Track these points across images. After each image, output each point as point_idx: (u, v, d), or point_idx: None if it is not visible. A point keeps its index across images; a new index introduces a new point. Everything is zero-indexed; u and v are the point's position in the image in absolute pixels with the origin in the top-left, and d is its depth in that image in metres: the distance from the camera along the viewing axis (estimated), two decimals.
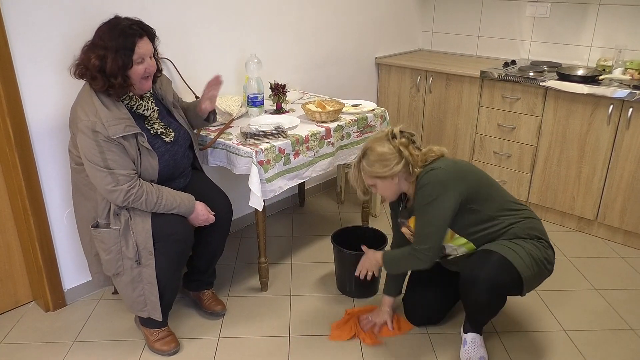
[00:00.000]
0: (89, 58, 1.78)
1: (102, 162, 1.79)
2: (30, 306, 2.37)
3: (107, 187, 1.81)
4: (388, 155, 1.83)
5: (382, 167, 1.84)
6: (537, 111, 3.00)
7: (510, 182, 3.24)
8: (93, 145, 1.78)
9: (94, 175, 1.83)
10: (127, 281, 1.95)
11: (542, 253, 1.87)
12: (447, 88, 3.38)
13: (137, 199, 1.84)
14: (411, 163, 1.84)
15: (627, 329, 2.22)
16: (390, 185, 1.89)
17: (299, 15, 3.01)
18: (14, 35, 1.93)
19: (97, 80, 1.79)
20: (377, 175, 1.86)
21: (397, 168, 1.83)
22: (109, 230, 1.89)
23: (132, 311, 2.04)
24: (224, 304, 2.31)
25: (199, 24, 2.52)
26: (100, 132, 1.77)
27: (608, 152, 2.79)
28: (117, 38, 1.78)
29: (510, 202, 1.95)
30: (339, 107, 2.51)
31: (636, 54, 3.02)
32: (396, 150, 1.83)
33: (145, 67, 1.86)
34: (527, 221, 1.92)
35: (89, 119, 1.77)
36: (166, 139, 1.98)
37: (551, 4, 3.31)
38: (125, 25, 1.80)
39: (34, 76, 2.02)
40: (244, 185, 2.22)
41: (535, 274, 1.85)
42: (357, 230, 2.59)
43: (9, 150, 2.05)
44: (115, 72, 1.79)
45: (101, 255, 1.95)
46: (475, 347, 1.97)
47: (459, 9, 3.75)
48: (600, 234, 3.00)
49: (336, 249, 2.40)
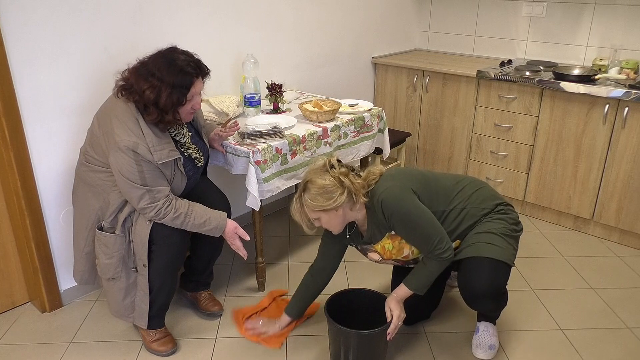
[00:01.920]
0: (141, 89, 1.77)
1: (140, 181, 1.79)
2: (26, 307, 2.36)
3: (143, 204, 1.81)
4: (330, 187, 1.75)
5: (325, 200, 1.75)
6: (534, 111, 3.01)
7: (506, 182, 3.25)
8: (132, 163, 1.77)
9: (128, 191, 1.81)
10: (122, 287, 1.95)
11: (506, 223, 1.93)
12: (444, 88, 3.38)
13: (168, 213, 1.84)
14: (354, 191, 1.78)
15: (624, 327, 2.23)
16: (335, 217, 1.81)
17: (295, 15, 3.01)
18: (10, 34, 1.92)
19: (150, 112, 1.79)
20: (321, 209, 1.77)
21: (341, 199, 1.75)
22: (116, 237, 1.88)
23: (117, 316, 2.05)
24: (221, 304, 2.31)
25: (196, 24, 2.52)
26: (141, 154, 1.76)
27: (604, 151, 2.80)
28: (175, 75, 1.77)
29: (452, 186, 1.97)
30: (335, 107, 2.51)
31: (632, 54, 3.03)
32: (337, 180, 1.76)
33: (193, 104, 1.87)
34: (476, 196, 1.96)
35: (130, 140, 1.76)
36: (198, 163, 2.02)
37: (547, 3, 3.32)
38: (184, 63, 1.79)
39: (29, 75, 2.01)
40: (241, 185, 2.22)
41: (513, 248, 1.94)
42: (350, 294, 2.08)
43: (5, 149, 2.04)
44: (168, 108, 1.79)
45: (100, 258, 1.94)
46: (487, 335, 2.04)
47: (456, 8, 3.76)
48: (596, 233, 3.01)
49: (332, 326, 1.88)
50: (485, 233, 1.90)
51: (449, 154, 3.49)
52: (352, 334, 1.83)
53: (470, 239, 1.92)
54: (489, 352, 2.04)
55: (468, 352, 2.08)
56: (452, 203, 1.94)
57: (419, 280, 1.89)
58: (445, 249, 1.83)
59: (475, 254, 1.87)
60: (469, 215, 1.93)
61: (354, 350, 1.86)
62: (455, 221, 1.93)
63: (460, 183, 2.00)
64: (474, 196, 1.96)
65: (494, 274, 1.86)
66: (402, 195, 1.82)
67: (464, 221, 1.93)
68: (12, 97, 1.98)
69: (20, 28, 1.94)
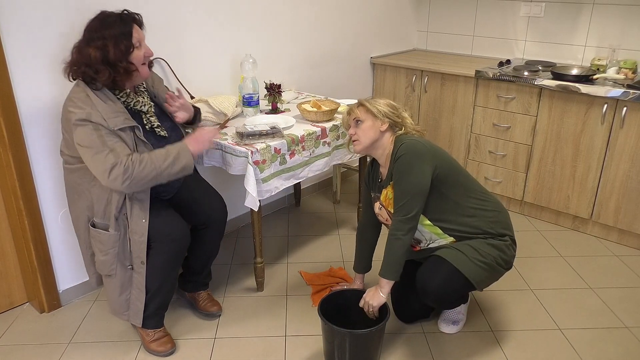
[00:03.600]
0: (87, 54, 1.76)
1: (102, 144, 1.74)
2: (24, 307, 2.36)
3: (109, 166, 1.73)
4: (396, 106, 1.98)
5: (388, 107, 1.96)
6: (532, 110, 3.01)
7: (505, 182, 3.25)
8: (89, 130, 1.75)
9: (94, 161, 1.76)
10: (117, 284, 1.95)
11: (499, 253, 1.92)
12: (443, 88, 3.38)
13: (135, 165, 1.76)
14: (403, 126, 1.96)
15: (622, 327, 2.23)
16: (374, 130, 1.95)
17: (294, 15, 3.01)
18: (7, 34, 1.92)
19: (101, 73, 1.77)
20: (375, 112, 1.94)
21: (397, 119, 1.95)
22: (109, 234, 1.88)
23: (114, 314, 2.05)
24: (220, 304, 2.31)
25: (194, 24, 2.52)
26: (95, 121, 1.75)
27: (602, 151, 2.81)
28: (113, 26, 1.78)
29: (477, 191, 1.98)
30: (334, 107, 2.51)
31: (630, 54, 3.04)
32: (401, 109, 2.00)
33: (143, 51, 1.87)
34: (493, 214, 1.96)
35: (83, 110, 1.75)
36: (161, 133, 1.97)
37: (545, 3, 3.33)
38: (116, 16, 1.81)
39: (27, 75, 2.01)
40: (239, 185, 2.22)
41: (488, 275, 1.94)
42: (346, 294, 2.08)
43: (3, 150, 2.04)
44: (120, 57, 1.79)
45: (97, 255, 1.94)
46: (452, 311, 2.18)
47: (454, 8, 3.76)
48: (594, 233, 3.01)
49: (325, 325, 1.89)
50: (470, 247, 1.91)
51: None
52: (344, 333, 1.83)
53: (457, 244, 1.94)
54: (451, 327, 2.17)
55: (467, 352, 2.08)
56: (468, 203, 1.94)
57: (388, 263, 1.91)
58: (402, 224, 1.85)
59: (444, 256, 1.90)
60: (475, 224, 1.93)
61: (347, 350, 1.86)
62: (460, 217, 1.93)
63: (486, 195, 2.01)
64: (490, 213, 1.96)
65: (448, 281, 1.88)
66: (419, 153, 1.87)
67: (466, 225, 1.93)
68: (10, 98, 1.98)
69: (19, 28, 1.94)
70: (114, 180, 1.75)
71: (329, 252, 2.81)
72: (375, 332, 1.85)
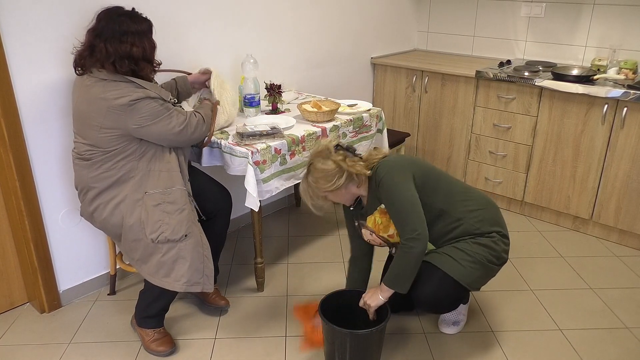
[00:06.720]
0: (127, 50, 1.79)
1: (166, 110, 1.86)
2: (25, 308, 2.36)
3: (181, 122, 1.90)
4: (330, 171, 1.86)
5: (326, 182, 1.87)
6: (532, 111, 3.01)
7: (505, 182, 3.25)
8: (152, 104, 1.82)
9: (166, 126, 1.86)
10: (194, 243, 1.92)
11: (487, 250, 1.91)
12: (443, 88, 3.38)
13: (201, 115, 2.01)
14: (354, 173, 1.88)
15: (623, 327, 2.23)
16: (341, 194, 1.93)
17: (295, 15, 3.01)
18: (7, 34, 1.92)
19: (142, 68, 1.84)
20: (325, 191, 1.90)
21: (341, 181, 1.87)
22: (179, 189, 1.92)
23: (188, 285, 1.92)
24: (227, 299, 2.32)
25: (195, 24, 2.52)
26: (154, 97, 1.83)
27: (603, 151, 2.81)
28: (140, 23, 1.84)
29: (459, 193, 1.97)
30: (334, 107, 2.51)
31: (630, 54, 3.04)
32: (336, 165, 1.86)
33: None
34: (478, 214, 1.94)
35: (138, 93, 1.79)
36: None
37: (546, 4, 3.33)
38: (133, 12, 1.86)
39: (28, 76, 2.01)
40: (239, 185, 2.22)
41: (480, 275, 1.92)
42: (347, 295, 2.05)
43: (3, 150, 2.04)
44: (153, 53, 1.88)
45: (172, 217, 1.88)
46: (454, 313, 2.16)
47: (454, 9, 3.76)
48: (595, 233, 3.01)
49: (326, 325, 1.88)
50: (459, 250, 1.90)
51: (447, 154, 3.50)
52: (345, 333, 1.82)
53: (444, 247, 1.94)
54: (452, 328, 2.17)
55: (468, 352, 2.08)
56: (452, 208, 1.93)
57: (391, 274, 1.85)
58: (415, 237, 1.78)
59: (432, 262, 1.90)
60: (461, 228, 1.92)
61: (347, 350, 1.86)
62: (447, 226, 1.93)
63: (469, 194, 1.99)
64: (475, 213, 1.94)
65: (439, 287, 1.88)
66: (397, 168, 1.87)
67: (454, 231, 1.93)
68: (11, 98, 1.98)
69: (19, 28, 1.94)
70: (195, 128, 1.95)
71: (329, 252, 2.81)
72: (376, 332, 1.85)
